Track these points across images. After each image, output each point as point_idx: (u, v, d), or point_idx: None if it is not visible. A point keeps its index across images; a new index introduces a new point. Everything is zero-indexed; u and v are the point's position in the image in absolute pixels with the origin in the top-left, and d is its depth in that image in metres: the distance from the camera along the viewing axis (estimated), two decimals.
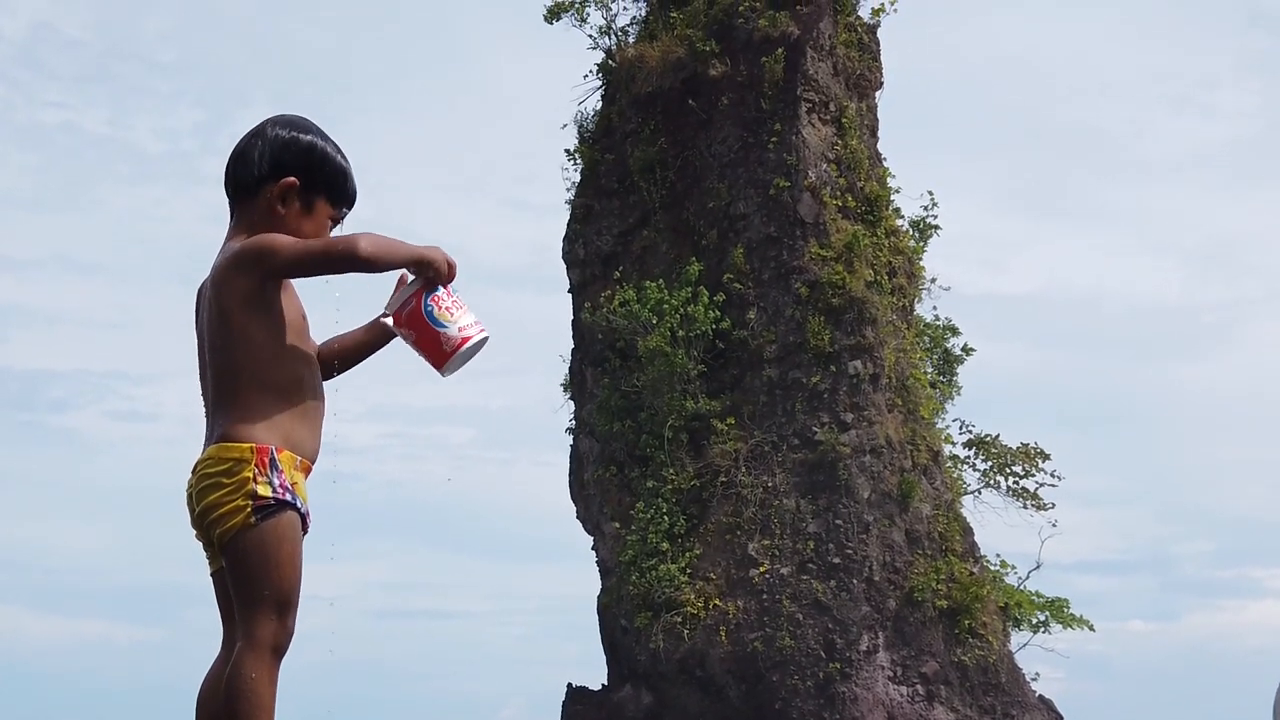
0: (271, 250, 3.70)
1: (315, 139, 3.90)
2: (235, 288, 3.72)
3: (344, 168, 3.92)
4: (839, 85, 23.94)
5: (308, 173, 3.86)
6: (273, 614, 3.60)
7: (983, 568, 23.02)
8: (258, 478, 3.64)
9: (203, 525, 3.71)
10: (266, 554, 3.62)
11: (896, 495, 22.06)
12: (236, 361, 3.74)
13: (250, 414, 3.71)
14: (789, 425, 22.16)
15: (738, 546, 21.66)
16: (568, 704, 23.15)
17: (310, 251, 3.70)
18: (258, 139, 3.88)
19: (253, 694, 3.53)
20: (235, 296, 3.72)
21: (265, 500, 3.63)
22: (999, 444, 25.92)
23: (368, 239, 3.65)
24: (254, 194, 3.86)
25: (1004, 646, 22.53)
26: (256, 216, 3.85)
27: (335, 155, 3.90)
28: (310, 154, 3.87)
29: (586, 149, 25.00)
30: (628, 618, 22.08)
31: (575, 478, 24.37)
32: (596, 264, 24.47)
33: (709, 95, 23.64)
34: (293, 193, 3.85)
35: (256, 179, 3.86)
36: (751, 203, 23.08)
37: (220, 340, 3.76)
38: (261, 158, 3.86)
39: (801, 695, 20.81)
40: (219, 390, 3.79)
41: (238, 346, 3.74)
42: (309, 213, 3.87)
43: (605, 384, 23.31)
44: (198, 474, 3.70)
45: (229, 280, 3.73)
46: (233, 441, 3.69)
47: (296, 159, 3.85)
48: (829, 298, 22.33)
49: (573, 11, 25.17)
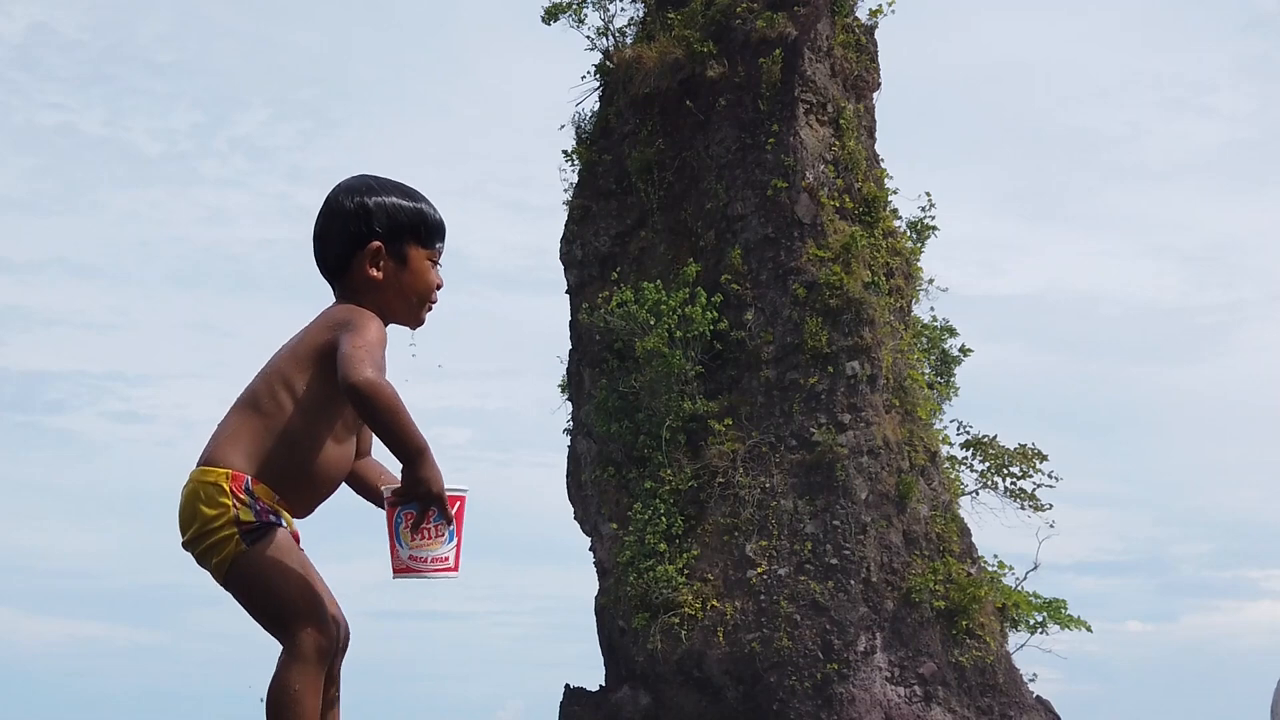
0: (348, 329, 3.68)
1: (382, 195, 3.89)
2: (325, 342, 3.71)
3: (417, 208, 3.91)
4: (836, 86, 23.95)
5: (387, 229, 3.86)
6: (303, 622, 3.58)
7: (980, 569, 23.03)
8: (237, 504, 3.61)
9: (194, 554, 3.69)
10: (269, 571, 3.61)
11: (894, 496, 22.08)
12: (274, 397, 3.73)
13: (245, 445, 3.69)
14: (786, 426, 22.17)
15: (735, 547, 21.67)
16: (565, 705, 23.16)
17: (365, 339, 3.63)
18: (331, 216, 3.90)
19: (296, 704, 3.54)
20: (314, 351, 3.73)
21: (250, 524, 3.61)
22: (997, 445, 25.91)
23: (386, 387, 3.55)
24: (346, 268, 3.88)
25: (1001, 647, 22.54)
26: (358, 285, 3.86)
27: (405, 201, 3.90)
28: (382, 211, 3.86)
29: (584, 150, 25.00)
30: (625, 618, 22.09)
31: (573, 479, 24.37)
32: (594, 265, 24.48)
33: (706, 96, 23.65)
34: (380, 254, 3.84)
35: (340, 255, 3.88)
36: (749, 203, 23.09)
37: (279, 372, 3.75)
38: (341, 233, 3.87)
39: (799, 696, 20.82)
40: (238, 411, 3.77)
41: (287, 388, 3.73)
42: (404, 264, 3.87)
43: (603, 385, 23.32)
44: (182, 498, 3.70)
45: (318, 335, 3.75)
46: (211, 465, 3.67)
47: (373, 221, 3.85)
48: (826, 298, 22.34)
49: (570, 12, 25.17)
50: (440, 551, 3.66)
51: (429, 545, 3.65)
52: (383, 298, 3.85)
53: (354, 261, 3.85)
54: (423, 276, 3.89)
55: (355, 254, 3.85)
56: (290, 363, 3.75)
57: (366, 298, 3.84)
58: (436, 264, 3.94)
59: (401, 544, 3.63)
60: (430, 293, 3.91)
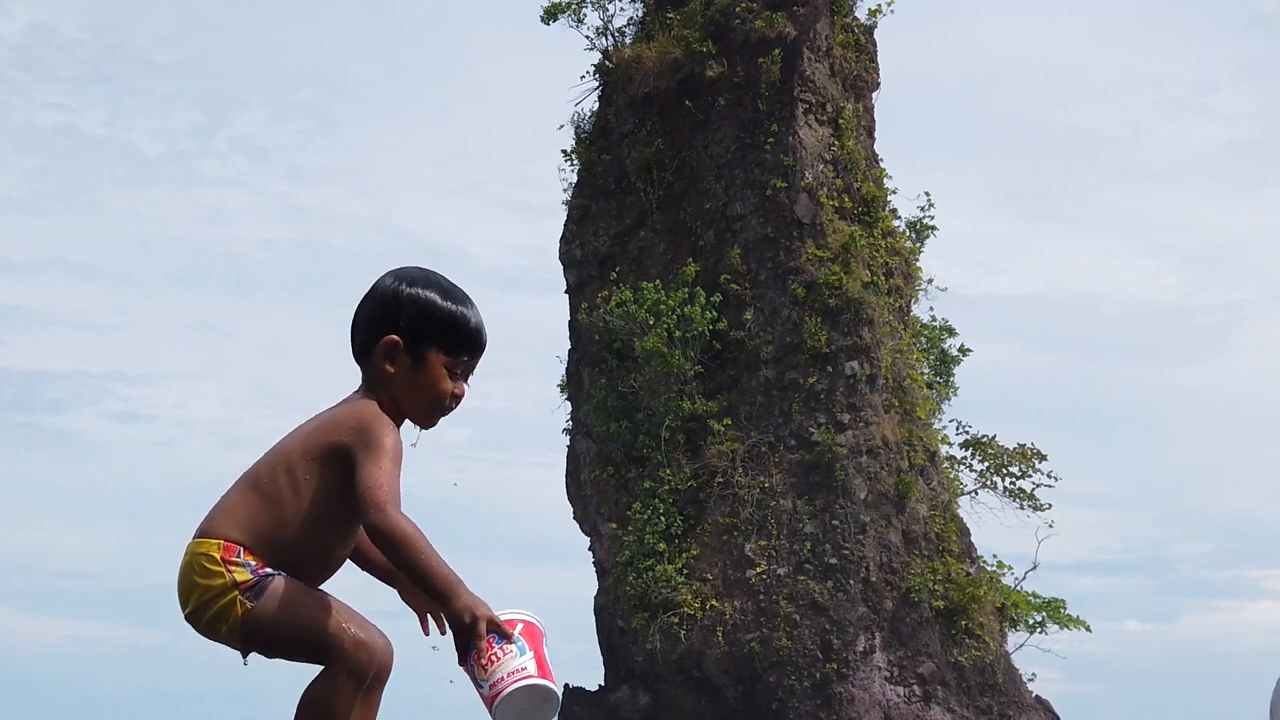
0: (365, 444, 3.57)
1: (420, 289, 3.74)
2: (338, 443, 3.61)
3: (452, 313, 3.74)
4: (836, 86, 23.95)
5: (412, 325, 3.71)
6: (336, 643, 3.51)
7: (979, 568, 23.03)
8: (230, 569, 3.53)
9: (199, 627, 3.60)
10: (285, 614, 3.53)
11: (893, 496, 22.08)
12: (277, 482, 3.64)
13: (241, 521, 3.60)
14: (786, 426, 22.17)
15: (734, 547, 21.67)
16: (565, 704, 23.14)
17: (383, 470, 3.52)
18: (367, 298, 3.79)
19: (328, 714, 3.48)
20: (323, 449, 3.63)
21: (248, 582, 3.53)
22: (996, 445, 25.91)
23: (409, 529, 3.43)
24: (368, 356, 3.76)
25: (1001, 647, 22.55)
26: (373, 375, 3.75)
27: (444, 302, 3.74)
28: (413, 305, 3.72)
29: (583, 150, 25.00)
30: (625, 618, 22.09)
31: (572, 478, 24.37)
32: (593, 265, 24.47)
33: (706, 96, 23.64)
34: (398, 349, 3.71)
35: (364, 341, 3.76)
36: (748, 203, 23.09)
37: (286, 458, 3.66)
38: (369, 318, 3.76)
39: (798, 696, 20.82)
40: (240, 488, 3.68)
41: (291, 476, 3.63)
42: (420, 366, 3.72)
43: (602, 385, 23.32)
44: (179, 572, 3.61)
45: (329, 433, 3.64)
46: (205, 537, 3.60)
47: (400, 313, 3.72)
48: (826, 298, 22.34)
49: (570, 12, 25.15)
50: (514, 665, 3.46)
51: (499, 666, 3.45)
52: (395, 394, 3.72)
53: (374, 350, 3.74)
54: (436, 384, 3.73)
55: (376, 343, 3.73)
56: (299, 453, 3.65)
57: (380, 391, 3.73)
58: (459, 374, 3.77)
59: (482, 685, 3.46)
60: (442, 402, 3.75)
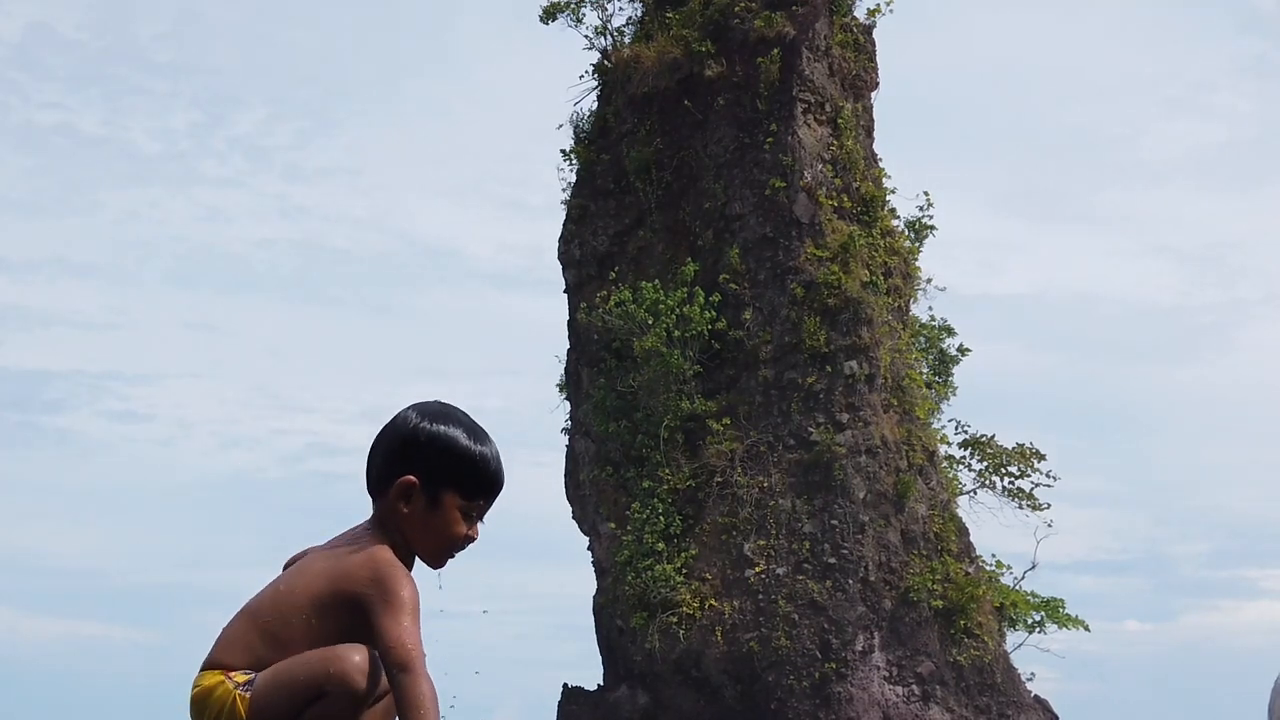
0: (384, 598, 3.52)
1: (442, 429, 3.70)
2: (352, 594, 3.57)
3: (472, 455, 3.69)
4: (835, 86, 23.95)
5: (430, 466, 3.67)
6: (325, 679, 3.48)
7: (978, 568, 23.03)
8: (230, 676, 3.53)
9: None
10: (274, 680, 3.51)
11: (892, 495, 22.08)
12: (286, 622, 3.58)
13: (244, 657, 3.58)
14: (785, 425, 22.17)
15: (733, 547, 21.67)
16: (563, 704, 23.15)
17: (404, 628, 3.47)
18: (386, 432, 3.75)
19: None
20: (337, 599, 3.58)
21: (248, 680, 3.53)
22: (995, 444, 25.90)
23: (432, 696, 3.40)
24: (383, 492, 3.72)
25: (999, 646, 22.55)
26: (385, 514, 3.71)
27: (465, 442, 3.70)
28: (432, 446, 3.68)
29: (582, 149, 25.00)
30: (623, 618, 22.09)
31: (571, 478, 24.37)
32: (592, 264, 24.47)
33: (705, 96, 23.65)
34: (415, 490, 3.67)
35: (380, 476, 3.72)
36: (747, 203, 23.09)
37: (294, 600, 3.61)
38: (387, 454, 3.72)
39: (797, 695, 20.83)
40: (245, 622, 3.65)
41: (300, 620, 3.58)
42: (435, 508, 3.68)
43: (601, 384, 23.32)
44: (191, 703, 3.59)
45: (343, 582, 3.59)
46: (210, 669, 3.58)
47: (418, 453, 3.68)
48: (825, 298, 22.34)
49: (568, 12, 25.16)
50: None
51: None
52: (408, 533, 3.69)
53: (390, 487, 3.70)
54: (450, 527, 3.71)
55: (392, 480, 3.69)
56: (309, 602, 3.60)
57: (392, 529, 3.70)
58: (474, 517, 3.75)
59: None
60: (455, 544, 3.72)
